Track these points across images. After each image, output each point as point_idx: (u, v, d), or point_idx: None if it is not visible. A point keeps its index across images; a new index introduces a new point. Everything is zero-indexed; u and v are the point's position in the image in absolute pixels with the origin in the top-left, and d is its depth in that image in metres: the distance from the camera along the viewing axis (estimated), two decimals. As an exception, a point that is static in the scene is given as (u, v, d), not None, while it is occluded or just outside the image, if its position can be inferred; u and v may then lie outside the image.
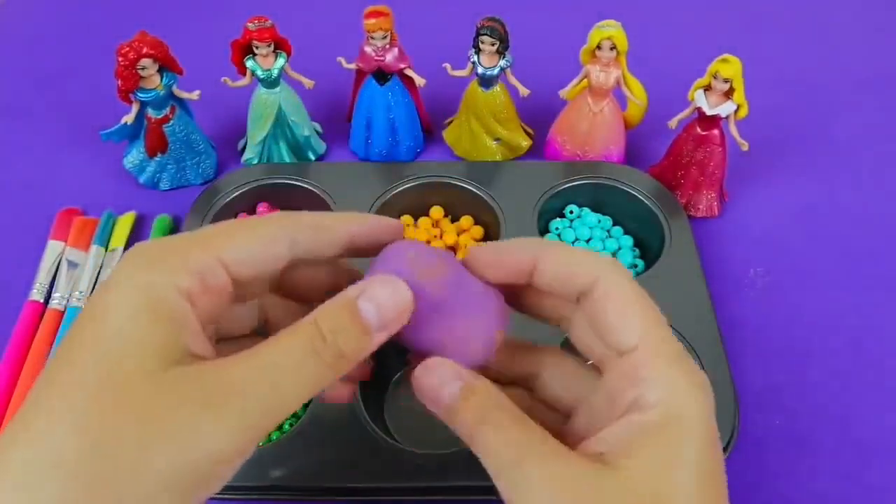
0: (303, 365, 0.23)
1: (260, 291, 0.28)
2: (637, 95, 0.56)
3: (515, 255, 0.27)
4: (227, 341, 0.28)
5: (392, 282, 0.25)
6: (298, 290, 0.29)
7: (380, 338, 0.25)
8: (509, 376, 0.30)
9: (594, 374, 0.27)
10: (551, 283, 0.27)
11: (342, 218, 0.28)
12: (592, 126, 0.57)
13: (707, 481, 0.23)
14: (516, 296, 0.29)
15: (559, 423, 0.28)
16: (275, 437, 0.44)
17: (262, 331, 0.30)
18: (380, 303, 0.24)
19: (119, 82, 0.52)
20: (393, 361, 0.48)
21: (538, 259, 0.26)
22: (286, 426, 0.45)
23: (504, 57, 0.55)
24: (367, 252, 0.28)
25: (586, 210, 0.56)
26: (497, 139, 0.60)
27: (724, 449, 0.42)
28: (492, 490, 0.40)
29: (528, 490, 0.23)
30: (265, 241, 0.25)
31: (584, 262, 0.26)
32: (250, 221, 0.26)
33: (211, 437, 0.21)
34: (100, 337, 0.22)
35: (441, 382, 0.25)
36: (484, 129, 0.59)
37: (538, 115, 0.62)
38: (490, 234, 0.55)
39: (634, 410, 0.24)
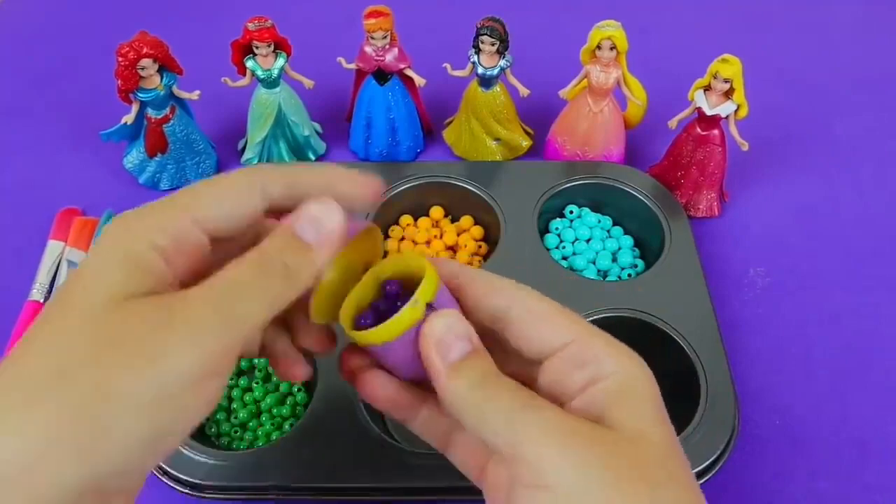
0: (256, 280, 0.25)
1: (246, 240, 0.28)
2: (637, 95, 0.56)
3: (447, 276, 0.29)
4: None
5: (325, 202, 0.26)
6: None
7: (322, 254, 0.26)
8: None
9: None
10: (474, 307, 0.28)
11: (315, 174, 0.28)
12: (592, 126, 0.57)
13: (669, 429, 0.26)
14: None
15: None
16: (275, 438, 0.45)
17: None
18: (315, 220, 0.26)
19: (119, 82, 0.52)
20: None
21: (463, 283, 0.28)
22: (286, 426, 0.45)
23: (504, 57, 0.55)
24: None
25: (586, 210, 0.56)
26: (497, 139, 0.60)
27: (724, 449, 0.42)
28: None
29: (534, 438, 0.24)
30: (235, 193, 0.26)
31: (499, 286, 0.28)
32: (217, 178, 0.26)
33: (178, 355, 0.22)
34: (77, 282, 0.23)
35: (455, 337, 0.26)
36: (484, 129, 0.59)
37: (538, 115, 0.62)
38: (490, 234, 0.55)
39: (591, 385, 0.26)
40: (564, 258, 0.54)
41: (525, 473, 0.24)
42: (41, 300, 0.51)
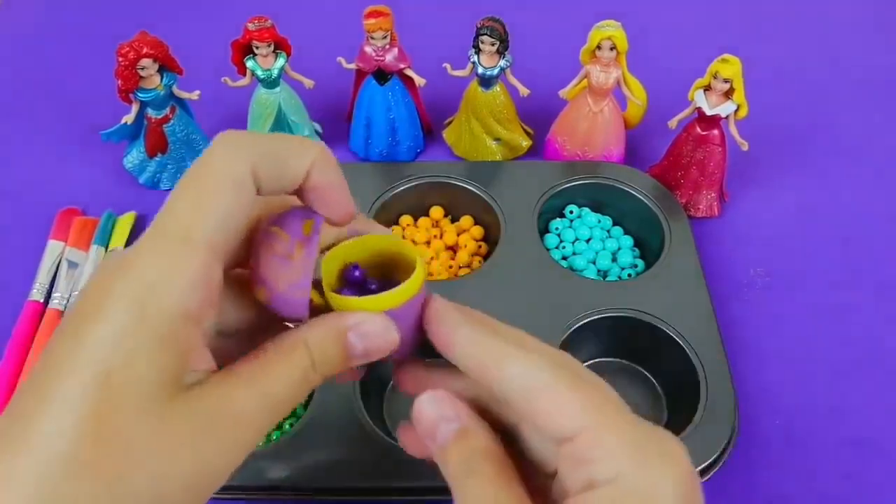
0: (296, 391, 0.24)
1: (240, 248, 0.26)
2: (637, 95, 0.56)
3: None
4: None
5: (385, 323, 0.25)
6: None
7: (356, 363, 0.26)
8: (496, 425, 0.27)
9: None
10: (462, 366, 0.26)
11: (301, 150, 0.25)
12: (592, 126, 0.57)
13: None
14: None
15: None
16: (275, 437, 0.45)
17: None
18: (368, 340, 0.25)
19: (119, 82, 0.52)
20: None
21: (446, 337, 0.26)
22: (286, 426, 0.45)
23: (504, 57, 0.55)
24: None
25: (586, 210, 0.56)
26: (497, 139, 0.60)
27: (724, 449, 0.42)
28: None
29: None
30: (234, 197, 0.23)
31: (490, 348, 0.25)
32: (199, 180, 0.23)
33: (212, 460, 0.22)
34: (98, 360, 0.21)
35: (440, 418, 0.25)
36: (484, 129, 0.59)
37: (538, 115, 0.62)
38: (490, 234, 0.55)
39: (588, 489, 0.22)
40: (564, 258, 0.54)
41: None
42: (41, 300, 0.51)
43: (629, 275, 0.52)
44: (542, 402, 0.24)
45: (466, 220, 0.56)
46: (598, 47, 0.53)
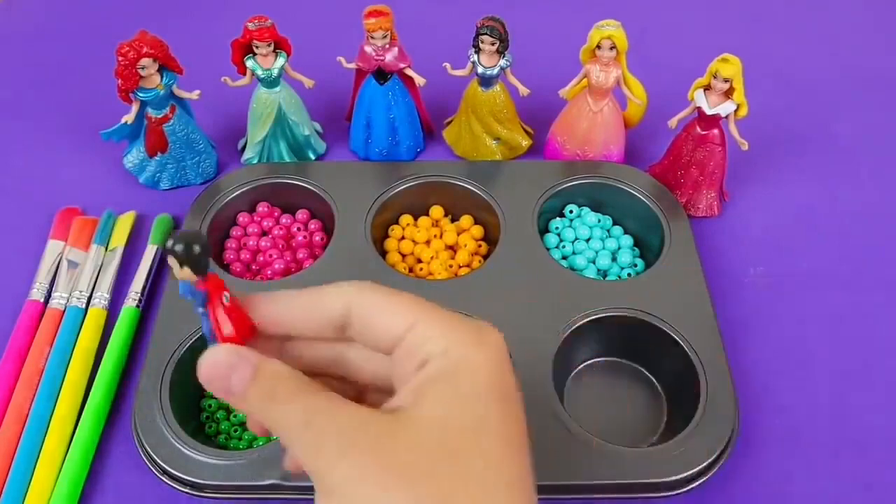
0: None
1: None
2: (637, 95, 0.56)
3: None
4: None
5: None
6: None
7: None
8: (321, 364, 0.29)
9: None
10: (306, 319, 0.27)
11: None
12: (592, 126, 0.57)
13: (494, 419, 0.24)
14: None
15: None
16: (275, 437, 0.44)
17: None
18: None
19: (119, 82, 0.52)
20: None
21: (284, 303, 0.27)
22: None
23: (504, 56, 0.55)
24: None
25: (586, 210, 0.56)
26: (497, 139, 0.60)
27: (724, 449, 0.42)
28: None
29: (320, 447, 0.23)
30: None
31: (331, 292, 0.27)
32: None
33: None
34: None
35: (229, 370, 0.25)
36: (484, 129, 0.59)
37: (538, 115, 0.62)
38: (490, 234, 0.55)
39: (421, 367, 0.25)
40: (564, 258, 0.54)
41: (315, 480, 0.24)
42: (41, 300, 0.51)
43: (629, 274, 0.52)
44: (374, 311, 0.26)
45: (466, 220, 0.56)
46: (598, 47, 0.53)
